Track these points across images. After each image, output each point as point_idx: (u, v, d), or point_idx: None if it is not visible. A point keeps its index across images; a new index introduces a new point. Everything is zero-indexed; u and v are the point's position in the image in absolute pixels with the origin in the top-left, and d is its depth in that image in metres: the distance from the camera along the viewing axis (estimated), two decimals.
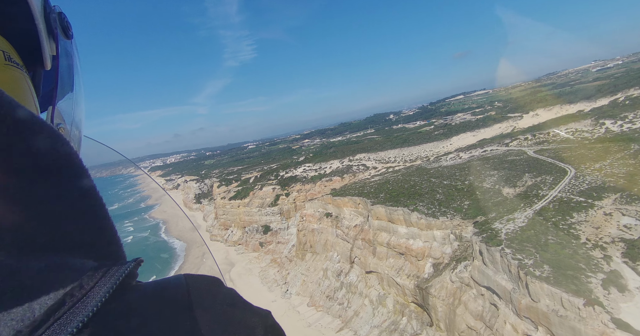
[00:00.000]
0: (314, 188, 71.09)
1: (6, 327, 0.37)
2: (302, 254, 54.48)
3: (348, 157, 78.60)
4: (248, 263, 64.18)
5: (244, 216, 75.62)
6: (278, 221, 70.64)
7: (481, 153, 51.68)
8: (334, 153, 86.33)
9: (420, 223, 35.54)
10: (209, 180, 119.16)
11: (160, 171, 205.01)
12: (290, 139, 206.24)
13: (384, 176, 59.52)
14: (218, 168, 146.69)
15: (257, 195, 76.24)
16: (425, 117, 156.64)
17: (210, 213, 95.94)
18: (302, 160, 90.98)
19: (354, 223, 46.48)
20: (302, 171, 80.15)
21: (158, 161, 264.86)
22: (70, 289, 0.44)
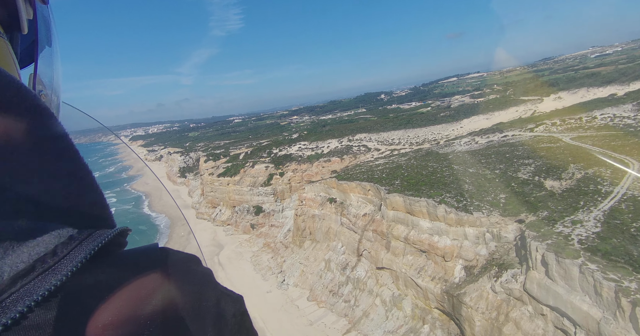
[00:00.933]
0: (310, 169, 64.81)
1: None
2: (299, 241, 48.88)
3: (347, 137, 72.15)
4: (238, 246, 58.29)
5: (233, 194, 68.99)
6: (271, 202, 64.47)
7: (501, 138, 46.31)
8: (331, 132, 79.59)
9: (448, 217, 30.10)
10: (194, 153, 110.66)
11: (142, 140, 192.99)
12: (278, 115, 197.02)
13: (390, 159, 53.68)
14: (203, 141, 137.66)
15: (248, 173, 69.41)
16: (418, 98, 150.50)
17: (196, 188, 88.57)
18: (296, 137, 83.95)
19: (362, 211, 40.80)
20: (297, 149, 73.38)
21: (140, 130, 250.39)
22: (43, 255, 0.43)
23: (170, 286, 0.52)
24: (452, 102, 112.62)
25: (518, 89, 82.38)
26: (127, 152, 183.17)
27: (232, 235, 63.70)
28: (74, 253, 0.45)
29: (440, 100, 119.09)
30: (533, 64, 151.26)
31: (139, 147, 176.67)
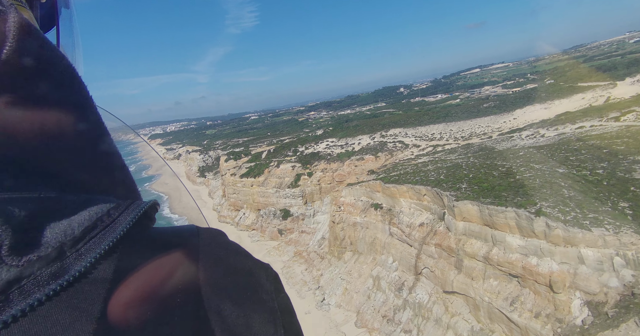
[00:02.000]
0: (341, 168, 57.64)
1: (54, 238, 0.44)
2: (338, 252, 41.94)
3: (379, 132, 64.58)
4: (267, 255, 51.74)
5: (258, 197, 62.47)
6: (299, 205, 57.68)
7: (576, 130, 38.15)
8: (359, 127, 72.06)
9: (553, 234, 22.55)
10: (213, 152, 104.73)
11: (161, 139, 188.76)
12: (295, 111, 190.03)
13: (435, 156, 46.04)
14: (221, 139, 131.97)
15: (273, 173, 62.71)
16: (442, 90, 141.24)
17: (217, 189, 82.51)
18: (322, 134, 76.79)
19: (417, 220, 33.45)
20: (325, 146, 66.23)
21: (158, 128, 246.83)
22: (101, 215, 0.50)
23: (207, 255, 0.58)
24: (482, 93, 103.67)
25: (565, 76, 73.11)
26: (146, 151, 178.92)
27: (258, 242, 57.23)
28: (124, 215, 0.52)
29: (469, 91, 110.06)
30: (565, 52, 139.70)
31: (157, 145, 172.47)
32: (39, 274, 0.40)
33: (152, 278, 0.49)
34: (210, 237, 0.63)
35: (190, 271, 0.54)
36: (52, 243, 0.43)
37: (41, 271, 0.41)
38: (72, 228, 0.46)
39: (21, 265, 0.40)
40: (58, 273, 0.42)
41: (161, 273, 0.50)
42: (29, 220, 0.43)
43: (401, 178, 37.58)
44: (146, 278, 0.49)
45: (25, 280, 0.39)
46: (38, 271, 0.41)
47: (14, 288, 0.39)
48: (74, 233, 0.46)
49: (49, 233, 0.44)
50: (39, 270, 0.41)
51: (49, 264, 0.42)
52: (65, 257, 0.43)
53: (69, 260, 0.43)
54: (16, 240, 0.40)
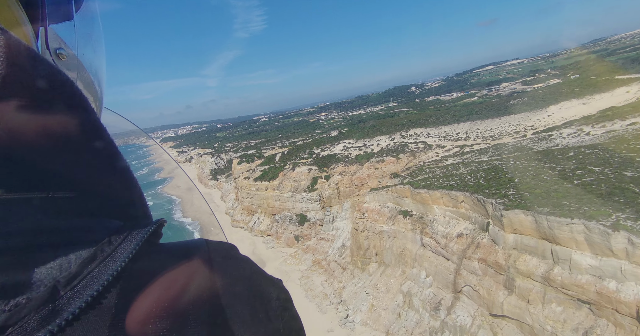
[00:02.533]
0: (361, 171, 53.77)
1: (47, 275, 0.39)
2: (361, 262, 38.10)
3: (399, 133, 60.50)
4: (283, 263, 48.20)
5: (273, 201, 59.00)
6: (317, 210, 53.99)
7: (628, 127, 33.63)
8: (376, 127, 68.06)
9: (638, 253, 18.42)
10: (225, 154, 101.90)
11: (172, 142, 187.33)
12: (305, 112, 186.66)
13: (465, 158, 41.87)
14: (232, 141, 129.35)
15: (288, 177, 59.17)
16: (455, 88, 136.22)
17: (230, 192, 79.40)
18: (337, 135, 73.02)
19: (454, 230, 29.44)
20: (342, 148, 62.44)
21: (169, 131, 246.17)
22: (100, 245, 0.45)
23: (215, 272, 0.54)
24: (500, 90, 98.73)
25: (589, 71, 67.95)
26: (158, 154, 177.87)
27: (273, 248, 53.72)
28: (127, 241, 0.47)
29: (486, 89, 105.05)
30: (584, 46, 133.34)
31: (169, 148, 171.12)
32: (26, 321, 0.35)
33: (159, 297, 0.45)
34: (220, 252, 0.60)
35: (200, 287, 0.50)
36: (45, 280, 0.39)
37: (29, 316, 0.36)
38: (68, 262, 0.41)
39: (7, 310, 0.35)
40: (48, 319, 0.37)
41: (169, 291, 0.46)
42: (19, 256, 0.38)
43: (432, 182, 33.56)
44: (154, 296, 0.45)
45: (10, 329, 0.34)
46: (26, 317, 0.35)
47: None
48: (70, 267, 0.41)
49: (43, 270, 0.39)
50: (27, 316, 0.36)
51: (40, 307, 0.37)
52: (59, 297, 0.38)
53: (63, 300, 0.38)
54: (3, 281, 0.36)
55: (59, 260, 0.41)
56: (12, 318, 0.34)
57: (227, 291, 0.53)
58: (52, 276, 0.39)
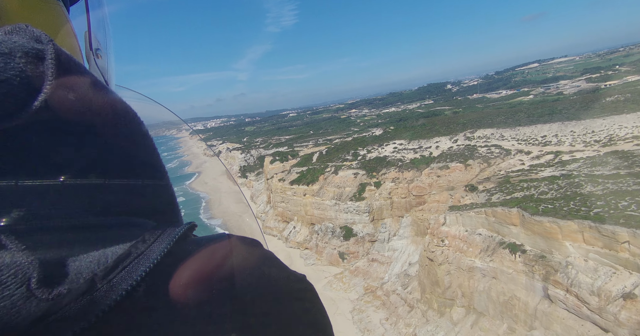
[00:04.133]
0: (419, 178, 43.62)
1: (86, 268, 0.40)
2: (438, 303, 28.22)
3: (463, 134, 49.65)
4: (327, 287, 38.99)
5: (312, 208, 49.85)
6: (365, 223, 44.41)
7: None
8: (434, 127, 57.29)
9: None
10: (255, 151, 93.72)
11: (201, 135, 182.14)
12: (334, 108, 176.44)
13: (573, 169, 30.87)
14: (261, 136, 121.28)
15: (331, 181, 49.75)
16: (497, 86, 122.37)
17: (261, 193, 70.91)
18: (382, 134, 62.81)
19: (612, 285, 19.06)
20: (392, 150, 52.25)
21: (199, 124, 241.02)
22: (135, 242, 0.46)
23: (237, 264, 0.54)
24: (560, 88, 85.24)
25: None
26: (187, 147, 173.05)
27: (314, 265, 44.57)
28: (159, 240, 0.49)
29: (543, 87, 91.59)
30: None
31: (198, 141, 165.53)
32: (67, 310, 0.37)
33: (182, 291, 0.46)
34: (243, 245, 0.59)
35: (221, 282, 0.50)
36: (85, 273, 0.40)
37: (69, 306, 0.37)
38: (105, 257, 0.43)
39: (51, 299, 0.36)
40: (87, 309, 0.38)
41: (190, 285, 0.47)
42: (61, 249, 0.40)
43: (556, 206, 23.12)
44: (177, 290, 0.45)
45: (52, 317, 0.36)
46: (66, 307, 0.37)
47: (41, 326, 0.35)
48: (107, 262, 0.43)
49: (82, 263, 0.41)
50: (68, 305, 0.37)
51: (79, 298, 0.38)
52: (96, 290, 0.40)
53: (100, 293, 0.40)
54: (46, 272, 0.37)
55: (97, 255, 0.42)
56: (54, 307, 0.36)
57: (248, 283, 0.52)
58: (91, 269, 0.40)
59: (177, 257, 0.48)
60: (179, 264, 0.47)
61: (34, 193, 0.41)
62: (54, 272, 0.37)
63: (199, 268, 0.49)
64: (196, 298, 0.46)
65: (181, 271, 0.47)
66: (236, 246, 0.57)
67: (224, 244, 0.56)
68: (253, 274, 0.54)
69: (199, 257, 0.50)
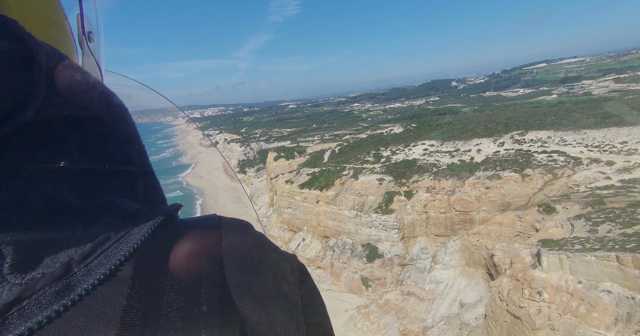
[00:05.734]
0: (461, 189, 34.05)
1: (62, 252, 0.38)
2: None
3: (509, 135, 40.06)
4: (349, 325, 29.43)
5: (326, 219, 40.11)
6: (394, 242, 34.85)
7: None
8: (463, 126, 47.57)
9: None
10: (255, 144, 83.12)
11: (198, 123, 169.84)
12: (335, 102, 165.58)
13: None
14: (260, 128, 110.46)
15: (350, 187, 39.92)
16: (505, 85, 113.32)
17: (262, 192, 60.76)
18: (403, 132, 52.90)
19: None
20: (422, 152, 42.49)
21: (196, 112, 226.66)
22: (116, 225, 0.44)
23: (225, 244, 0.51)
24: (587, 88, 76.23)
25: None
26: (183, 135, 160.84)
27: (329, 291, 34.96)
28: (142, 223, 0.46)
29: (566, 86, 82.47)
30: None
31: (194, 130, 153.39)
32: (41, 294, 0.35)
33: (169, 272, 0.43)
34: (233, 227, 0.56)
35: (211, 263, 0.47)
36: (60, 258, 0.38)
37: (44, 290, 0.35)
38: (84, 240, 0.41)
39: (24, 284, 0.35)
40: (63, 292, 0.36)
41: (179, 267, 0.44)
42: (38, 232, 0.38)
43: None
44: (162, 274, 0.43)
45: (26, 301, 0.34)
46: (40, 291, 0.35)
47: (14, 310, 0.33)
48: (85, 245, 0.40)
49: (57, 247, 0.38)
50: (42, 289, 0.35)
51: (54, 282, 0.36)
52: (72, 274, 0.38)
53: (76, 277, 0.38)
54: (19, 256, 0.35)
55: (74, 238, 0.40)
56: (27, 291, 0.34)
57: (241, 267, 0.50)
58: (67, 253, 0.38)
59: (161, 239, 0.46)
60: (164, 247, 0.45)
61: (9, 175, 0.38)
62: (28, 256, 0.36)
63: (186, 251, 0.46)
64: (183, 281, 0.43)
65: (166, 254, 0.44)
66: (225, 228, 0.54)
67: (213, 225, 0.53)
68: (243, 256, 0.51)
69: (186, 239, 0.48)
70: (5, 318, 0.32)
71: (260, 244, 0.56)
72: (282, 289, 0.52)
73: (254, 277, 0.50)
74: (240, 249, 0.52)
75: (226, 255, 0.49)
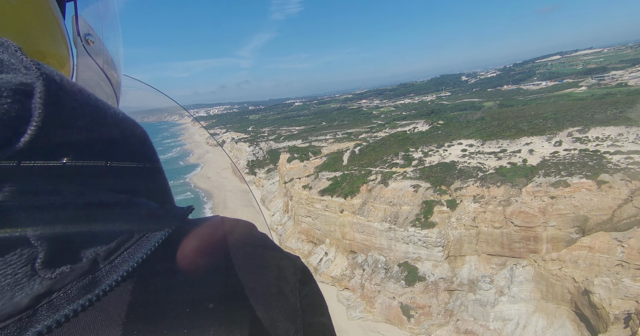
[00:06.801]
0: (518, 198, 27.66)
1: (89, 248, 0.38)
2: None
3: (567, 132, 33.41)
4: None
5: (352, 231, 33.93)
6: (437, 262, 28.61)
7: None
8: (501, 122, 40.80)
9: None
10: (264, 143, 76.81)
11: (204, 122, 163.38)
12: (342, 99, 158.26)
13: None
14: (267, 126, 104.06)
15: (379, 195, 33.60)
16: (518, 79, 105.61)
17: (274, 197, 54.57)
18: (430, 130, 46.28)
19: None
20: (460, 153, 35.93)
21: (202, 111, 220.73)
22: (138, 223, 0.44)
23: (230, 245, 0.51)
24: (619, 78, 68.80)
25: None
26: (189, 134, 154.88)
27: (361, 319, 28.79)
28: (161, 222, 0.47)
29: (595, 77, 75.00)
30: None
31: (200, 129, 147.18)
32: (69, 288, 0.36)
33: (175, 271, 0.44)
34: (235, 229, 0.56)
35: (216, 262, 0.48)
36: (88, 254, 0.38)
37: (72, 284, 0.36)
38: (109, 237, 0.41)
39: (53, 277, 0.35)
40: (89, 287, 0.37)
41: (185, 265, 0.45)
42: (68, 227, 0.38)
43: None
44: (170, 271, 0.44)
45: (55, 294, 0.35)
46: (69, 285, 0.36)
47: (44, 302, 0.34)
48: (110, 242, 0.41)
49: (85, 243, 0.39)
50: (70, 283, 0.36)
51: (81, 277, 0.37)
52: (98, 270, 0.38)
53: (102, 273, 0.38)
54: (51, 251, 0.36)
55: (100, 235, 0.40)
56: (56, 285, 0.35)
57: (240, 263, 0.50)
58: (94, 249, 0.39)
59: (169, 239, 0.46)
60: (171, 246, 0.46)
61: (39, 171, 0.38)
62: (59, 251, 0.36)
63: (191, 250, 0.46)
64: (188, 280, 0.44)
65: (172, 253, 0.45)
66: (229, 228, 0.54)
67: (217, 226, 0.53)
68: (247, 256, 0.51)
69: (191, 239, 0.48)
70: (36, 309, 0.33)
71: (264, 244, 0.56)
72: (283, 290, 0.52)
73: (257, 277, 0.50)
74: (244, 249, 0.52)
75: (230, 255, 0.50)
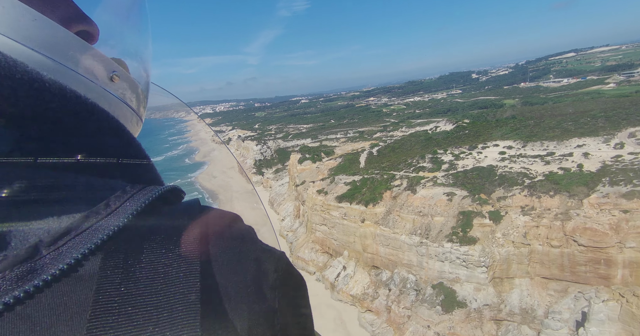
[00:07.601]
0: (579, 211, 22.78)
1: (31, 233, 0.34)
2: None
3: (628, 133, 28.29)
4: None
5: (374, 243, 29.25)
6: (481, 285, 23.91)
7: None
8: (543, 121, 35.66)
9: None
10: (272, 142, 72.16)
11: (210, 119, 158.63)
12: (349, 96, 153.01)
13: None
14: (274, 123, 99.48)
15: (406, 203, 28.85)
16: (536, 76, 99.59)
17: (284, 199, 49.96)
18: (455, 130, 41.24)
19: None
20: (498, 156, 30.98)
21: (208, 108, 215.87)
22: (97, 207, 0.39)
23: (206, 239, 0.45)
24: None
25: None
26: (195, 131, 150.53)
27: None
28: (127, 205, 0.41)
29: (624, 74, 69.23)
30: None
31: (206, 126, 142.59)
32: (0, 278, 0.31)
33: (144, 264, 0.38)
34: (217, 218, 0.50)
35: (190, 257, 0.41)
36: (29, 238, 0.33)
37: (4, 274, 0.31)
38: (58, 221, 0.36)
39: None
40: (24, 278, 0.31)
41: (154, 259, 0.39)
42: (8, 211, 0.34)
43: None
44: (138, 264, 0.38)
45: None
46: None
47: None
48: (59, 226, 0.35)
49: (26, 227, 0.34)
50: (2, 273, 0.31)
51: (16, 265, 0.31)
52: (40, 257, 0.33)
53: (44, 260, 0.33)
54: None
55: (47, 219, 0.35)
56: None
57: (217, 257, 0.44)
58: (37, 234, 0.34)
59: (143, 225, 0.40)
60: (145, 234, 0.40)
61: None
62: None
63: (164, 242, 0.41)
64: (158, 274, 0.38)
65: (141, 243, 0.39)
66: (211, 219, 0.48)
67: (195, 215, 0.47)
68: (225, 251, 0.46)
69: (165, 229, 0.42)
70: None
71: (244, 238, 0.50)
72: (262, 288, 0.47)
73: (233, 276, 0.45)
74: (223, 242, 0.46)
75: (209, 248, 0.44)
